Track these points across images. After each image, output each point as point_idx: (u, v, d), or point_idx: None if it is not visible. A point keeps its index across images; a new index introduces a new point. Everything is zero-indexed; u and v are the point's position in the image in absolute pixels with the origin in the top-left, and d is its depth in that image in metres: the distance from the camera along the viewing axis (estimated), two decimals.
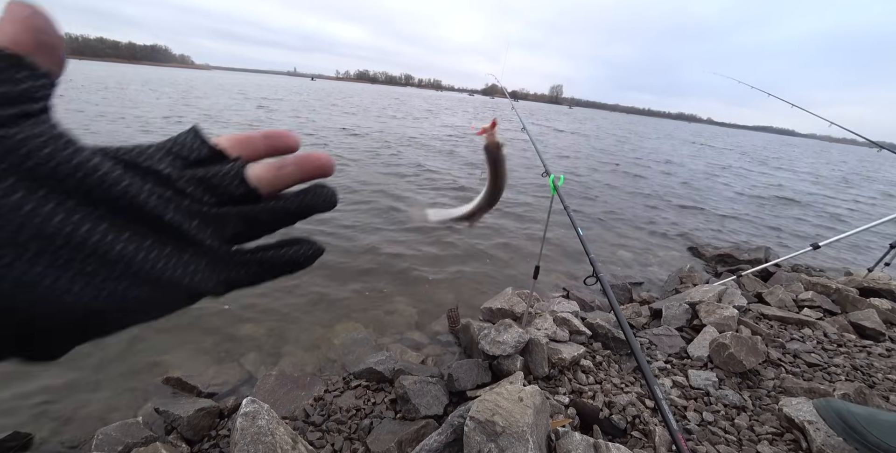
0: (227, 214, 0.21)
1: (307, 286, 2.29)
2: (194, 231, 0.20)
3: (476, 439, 0.93)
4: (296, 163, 0.23)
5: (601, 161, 9.09)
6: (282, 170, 0.23)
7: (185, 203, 0.20)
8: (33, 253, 0.16)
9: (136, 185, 0.19)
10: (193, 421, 1.24)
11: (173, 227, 0.19)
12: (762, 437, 1.15)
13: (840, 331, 1.88)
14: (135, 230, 0.19)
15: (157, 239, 0.19)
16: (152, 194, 0.19)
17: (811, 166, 16.86)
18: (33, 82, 0.17)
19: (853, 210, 7.05)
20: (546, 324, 1.53)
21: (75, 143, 0.18)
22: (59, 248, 0.17)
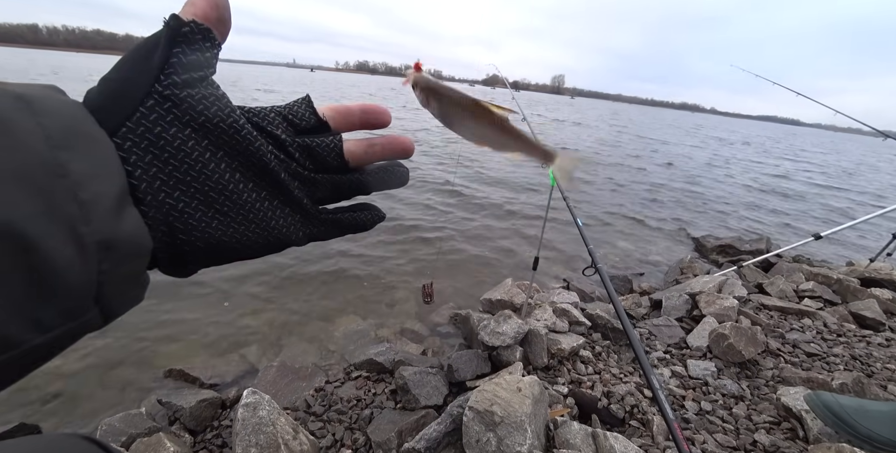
0: (321, 180, 0.25)
1: (307, 279, 2.30)
2: (297, 191, 0.24)
3: (475, 428, 0.94)
4: (383, 144, 0.26)
5: (603, 153, 9.02)
6: (371, 149, 0.26)
7: (293, 166, 0.23)
8: (193, 191, 0.21)
9: (264, 146, 0.22)
10: (196, 411, 1.25)
11: (283, 185, 0.23)
12: (759, 426, 1.16)
13: (840, 321, 1.88)
14: (257, 183, 0.22)
15: (270, 193, 0.23)
16: (273, 155, 0.22)
17: (815, 156, 16.71)
18: (214, 51, 0.21)
19: (858, 202, 7.01)
20: (545, 314, 1.53)
21: (230, 104, 0.21)
22: (209, 191, 0.21)
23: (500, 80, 2.53)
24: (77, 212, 0.16)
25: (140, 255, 0.19)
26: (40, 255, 0.15)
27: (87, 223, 0.16)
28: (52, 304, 0.15)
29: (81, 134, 0.18)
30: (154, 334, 1.76)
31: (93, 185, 0.17)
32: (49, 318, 0.16)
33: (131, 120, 0.20)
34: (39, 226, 0.15)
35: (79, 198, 0.16)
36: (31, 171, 0.15)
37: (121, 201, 0.18)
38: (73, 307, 0.16)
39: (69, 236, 0.16)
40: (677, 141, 15.06)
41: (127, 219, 0.18)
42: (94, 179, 0.17)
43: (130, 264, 0.19)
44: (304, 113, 0.25)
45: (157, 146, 0.20)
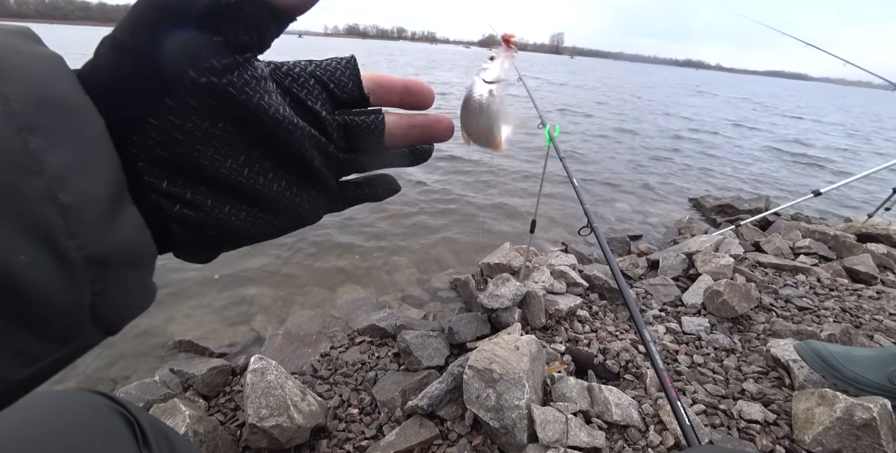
0: (354, 161, 0.23)
1: (306, 249, 2.31)
2: (327, 174, 0.22)
3: (475, 386, 0.98)
4: (422, 127, 0.24)
5: (603, 117, 8.78)
6: (411, 131, 0.24)
7: (330, 148, 0.22)
8: (217, 187, 0.19)
9: (304, 134, 0.20)
10: (207, 378, 1.30)
11: (318, 173, 0.22)
12: (748, 376, 1.21)
13: (833, 276, 1.92)
14: (289, 172, 0.21)
15: (300, 180, 0.22)
16: (310, 142, 0.20)
17: (823, 113, 16.29)
18: (277, 30, 0.18)
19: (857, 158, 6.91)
20: (543, 277, 1.55)
21: (272, 89, 0.19)
22: (238, 186, 0.19)
23: (496, 41, 2.41)
24: (57, 222, 0.13)
25: (142, 267, 0.17)
26: (11, 282, 0.12)
27: (71, 235, 0.13)
28: (37, 334, 0.13)
29: (62, 108, 0.14)
30: (161, 311, 1.79)
31: (78, 183, 0.13)
32: (36, 349, 0.13)
33: (155, 115, 0.16)
34: (6, 243, 0.12)
35: (59, 202, 0.13)
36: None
37: (116, 201, 0.15)
38: (65, 333, 0.14)
39: (49, 254, 0.13)
40: (680, 100, 14.63)
41: (124, 223, 0.15)
42: (79, 174, 0.13)
43: (132, 278, 0.16)
44: (348, 83, 0.22)
45: (178, 143, 0.17)
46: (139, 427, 0.36)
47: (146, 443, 0.36)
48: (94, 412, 0.36)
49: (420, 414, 1.05)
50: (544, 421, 0.91)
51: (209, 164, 0.18)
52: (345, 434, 1.08)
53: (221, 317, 1.79)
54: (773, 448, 0.95)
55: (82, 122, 0.14)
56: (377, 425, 1.09)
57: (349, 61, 0.22)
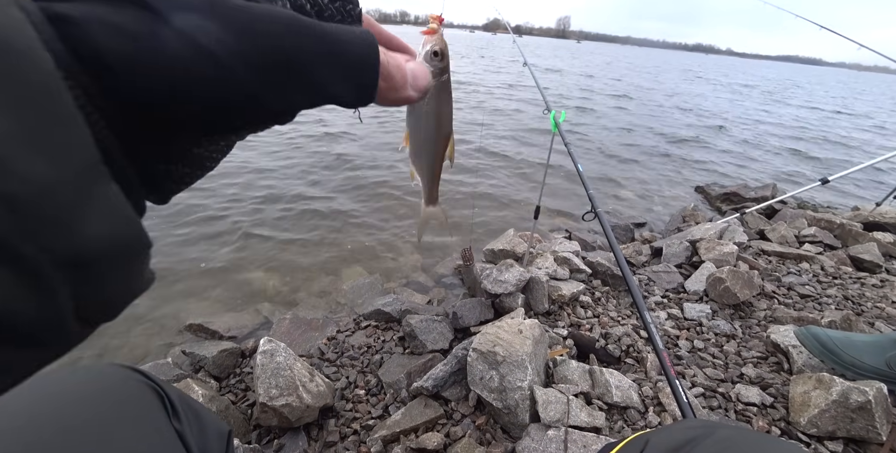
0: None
1: (312, 236, 2.33)
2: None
3: (478, 368, 1.00)
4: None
5: (609, 106, 8.64)
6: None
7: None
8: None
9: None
10: (218, 360, 1.34)
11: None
12: (748, 361, 1.23)
13: (837, 265, 1.92)
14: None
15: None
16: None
17: (837, 100, 15.91)
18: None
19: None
20: (547, 263, 1.56)
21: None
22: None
23: (502, 25, 2.36)
24: (5, 220, 0.09)
25: (134, 260, 0.14)
26: None
27: (28, 236, 0.10)
28: (10, 346, 0.11)
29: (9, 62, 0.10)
30: (170, 298, 1.83)
31: (25, 164, 0.10)
32: (16, 359, 0.11)
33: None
34: None
35: (4, 194, 0.09)
36: None
37: (85, 182, 0.11)
38: (45, 339, 0.12)
39: (5, 265, 0.10)
40: (687, 89, 14.33)
41: (98, 211, 0.12)
42: (30, 152, 0.10)
43: (121, 272, 0.13)
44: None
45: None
46: (168, 399, 0.38)
47: (175, 415, 0.37)
48: (127, 384, 0.37)
49: (425, 395, 1.08)
50: (546, 401, 0.94)
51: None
52: (352, 413, 1.11)
53: (230, 301, 1.83)
54: (769, 429, 0.98)
55: (20, 66, 0.10)
56: (383, 405, 1.13)
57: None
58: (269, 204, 2.66)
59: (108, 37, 0.13)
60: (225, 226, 2.35)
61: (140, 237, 0.14)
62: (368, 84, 0.19)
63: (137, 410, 0.36)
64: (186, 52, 0.14)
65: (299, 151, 3.74)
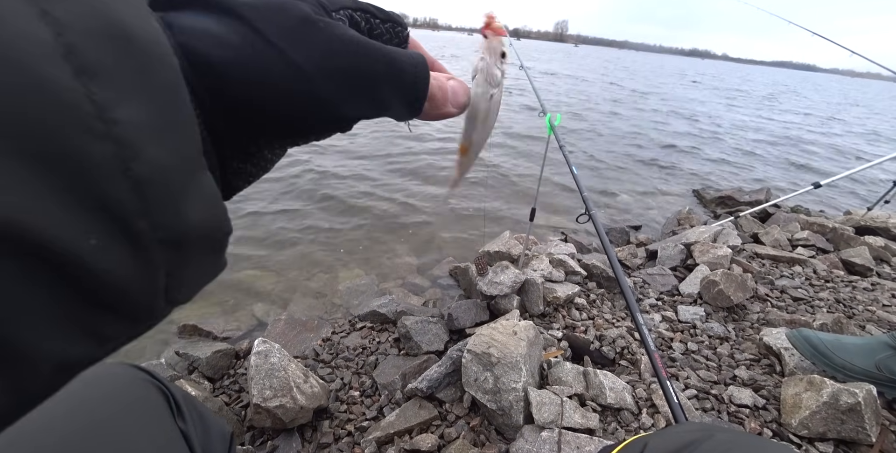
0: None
1: (308, 236, 2.33)
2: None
3: (473, 369, 1.00)
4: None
5: (603, 112, 8.70)
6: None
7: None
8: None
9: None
10: (212, 361, 1.33)
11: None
12: (740, 363, 1.24)
13: (830, 268, 1.93)
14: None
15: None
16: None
17: (826, 104, 16.09)
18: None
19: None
20: (542, 265, 1.57)
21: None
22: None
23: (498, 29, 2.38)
24: (129, 198, 0.10)
25: (218, 246, 0.15)
26: (82, 267, 0.10)
27: (145, 214, 0.11)
28: (111, 316, 0.12)
29: (130, 42, 0.11)
30: None
31: (153, 149, 0.11)
32: (111, 330, 0.12)
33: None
34: (74, 224, 0.10)
35: (132, 174, 0.10)
36: (42, 126, 0.09)
37: (192, 171, 0.13)
38: (138, 314, 0.12)
39: (121, 237, 0.11)
40: (682, 94, 14.45)
41: (200, 197, 0.13)
42: (154, 138, 0.11)
43: (206, 256, 0.15)
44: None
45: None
46: (174, 399, 0.38)
47: (180, 415, 0.37)
48: (133, 383, 0.37)
49: (420, 397, 1.08)
50: (540, 403, 0.94)
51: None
52: (346, 415, 1.11)
53: (224, 302, 1.82)
54: (761, 430, 0.99)
55: (154, 65, 0.11)
56: (378, 407, 1.13)
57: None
58: (266, 204, 2.66)
59: (213, 46, 0.16)
60: None
61: (226, 223, 0.15)
62: (418, 102, 0.22)
63: (145, 410, 0.36)
64: (278, 64, 0.17)
65: (298, 151, 3.73)
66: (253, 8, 0.17)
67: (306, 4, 0.18)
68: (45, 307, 0.10)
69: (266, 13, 0.17)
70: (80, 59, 0.09)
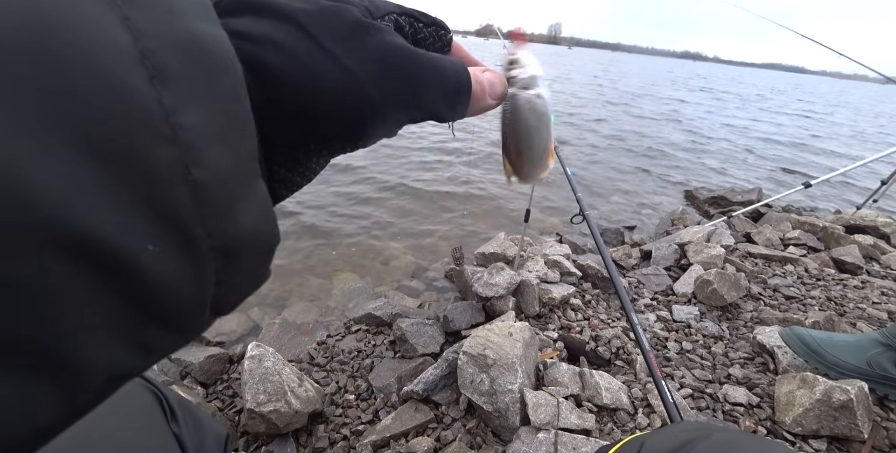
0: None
1: (302, 239, 2.32)
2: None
3: (469, 371, 1.00)
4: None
5: (595, 115, 8.76)
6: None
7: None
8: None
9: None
10: (205, 366, 1.32)
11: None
12: (735, 362, 1.24)
13: (821, 267, 1.96)
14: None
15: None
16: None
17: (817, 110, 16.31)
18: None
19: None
20: (537, 266, 1.57)
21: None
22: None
23: (493, 31, 2.39)
24: (188, 204, 0.10)
25: (267, 255, 0.15)
26: (139, 275, 0.10)
27: (202, 221, 0.11)
28: (160, 328, 0.11)
29: (200, 49, 0.11)
30: None
31: (214, 154, 0.11)
32: (159, 342, 0.12)
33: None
34: (134, 230, 0.09)
35: (192, 179, 0.10)
36: (113, 127, 0.09)
37: (249, 177, 0.13)
38: (185, 325, 0.12)
39: (178, 244, 0.10)
40: (674, 94, 14.61)
41: (252, 205, 0.13)
42: (216, 143, 0.11)
43: (254, 266, 0.14)
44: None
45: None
46: (167, 402, 0.38)
47: (174, 418, 0.37)
48: (126, 387, 0.37)
49: (415, 399, 1.07)
50: (536, 404, 0.94)
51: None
52: (342, 419, 1.10)
53: None
54: (756, 428, 0.99)
55: (219, 71, 0.11)
56: (373, 410, 1.12)
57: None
58: None
59: (271, 52, 0.16)
60: None
61: (277, 232, 0.15)
62: (462, 106, 0.22)
63: (138, 414, 0.35)
64: (332, 70, 0.17)
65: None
66: (308, 13, 0.17)
67: (356, 9, 0.18)
68: (101, 317, 0.10)
69: (320, 18, 0.17)
70: (154, 64, 0.10)
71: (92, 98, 0.08)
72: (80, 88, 0.08)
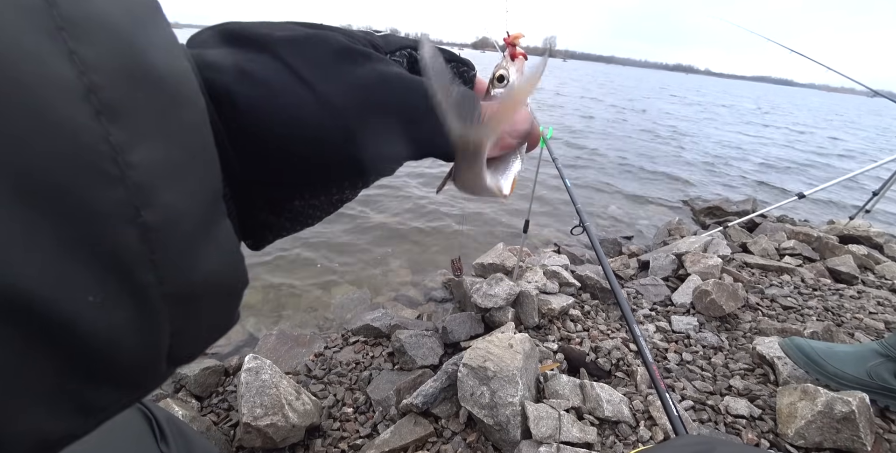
0: None
1: (298, 250, 2.31)
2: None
3: (469, 383, 0.99)
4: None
5: (589, 126, 8.88)
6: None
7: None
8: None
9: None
10: (200, 379, 1.29)
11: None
12: (735, 373, 1.24)
13: (817, 277, 1.97)
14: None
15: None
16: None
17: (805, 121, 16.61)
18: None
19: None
20: (536, 277, 1.57)
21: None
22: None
23: (490, 44, 2.43)
24: (136, 249, 0.09)
25: (232, 299, 0.14)
26: (74, 329, 0.09)
27: (152, 267, 0.10)
28: (102, 385, 0.10)
29: (155, 81, 0.10)
30: None
31: (167, 194, 0.10)
32: (102, 401, 0.11)
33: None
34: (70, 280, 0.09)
35: (142, 221, 0.09)
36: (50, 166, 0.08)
37: (208, 218, 0.12)
38: (135, 381, 0.11)
39: (122, 292, 0.10)
40: (665, 107, 14.84)
41: (215, 247, 0.12)
42: (170, 182, 0.10)
43: (217, 311, 0.13)
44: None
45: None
46: (157, 422, 0.37)
47: (163, 438, 0.36)
48: None
49: (415, 413, 1.06)
50: (537, 417, 0.93)
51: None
52: (339, 432, 1.08)
53: None
54: (759, 441, 0.98)
55: (178, 105, 0.11)
56: (372, 424, 1.10)
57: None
58: None
59: (243, 84, 0.14)
60: None
61: (242, 274, 0.14)
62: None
63: (125, 436, 0.34)
64: (308, 100, 0.15)
65: None
66: (288, 42, 0.16)
67: (347, 38, 0.17)
68: (28, 380, 0.08)
69: (302, 47, 0.16)
70: (101, 98, 0.09)
71: (27, 135, 0.08)
72: (14, 125, 0.07)
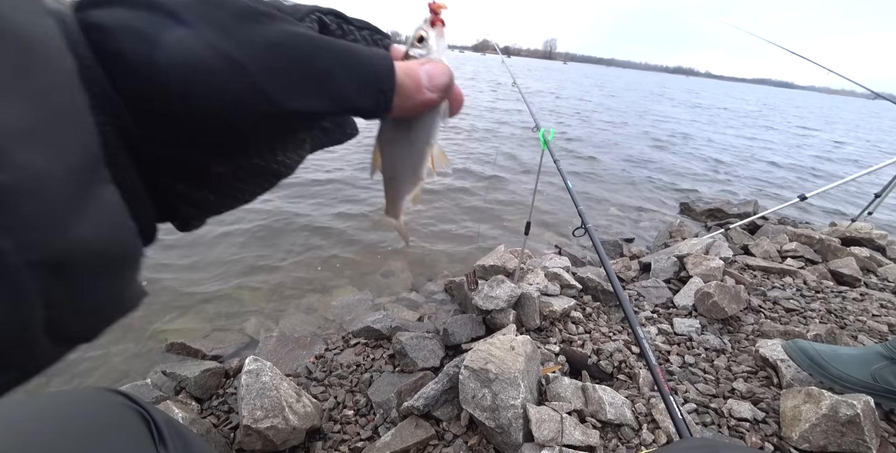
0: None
1: (299, 252, 2.30)
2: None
3: (470, 386, 0.98)
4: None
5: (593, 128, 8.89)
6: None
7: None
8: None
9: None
10: (200, 381, 1.29)
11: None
12: (738, 375, 1.23)
13: (819, 279, 1.96)
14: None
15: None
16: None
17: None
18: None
19: None
20: (538, 279, 1.57)
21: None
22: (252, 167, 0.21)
23: (491, 46, 2.44)
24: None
25: (121, 269, 0.13)
26: None
27: (8, 231, 0.09)
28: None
29: (13, 45, 0.10)
30: (152, 314, 1.77)
31: (22, 154, 0.09)
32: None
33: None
34: None
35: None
36: None
37: (82, 182, 0.11)
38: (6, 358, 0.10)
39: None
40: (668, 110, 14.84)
41: (93, 213, 0.11)
42: (25, 142, 0.10)
43: (105, 282, 0.12)
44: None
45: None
46: (155, 424, 0.36)
47: (162, 441, 0.36)
48: (111, 409, 0.35)
49: (416, 415, 1.05)
50: (540, 420, 0.92)
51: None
52: (340, 435, 1.08)
53: (214, 319, 1.78)
54: (763, 445, 0.97)
55: (37, 65, 0.10)
56: (372, 426, 1.09)
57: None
58: (258, 218, 2.63)
59: (134, 43, 0.14)
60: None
61: (129, 244, 0.13)
62: (384, 94, 0.19)
63: (121, 437, 0.34)
64: (212, 61, 0.15)
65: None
66: (186, 4, 0.15)
67: (250, 1, 0.17)
68: None
69: (200, 6, 0.15)
70: None
71: None
72: None
